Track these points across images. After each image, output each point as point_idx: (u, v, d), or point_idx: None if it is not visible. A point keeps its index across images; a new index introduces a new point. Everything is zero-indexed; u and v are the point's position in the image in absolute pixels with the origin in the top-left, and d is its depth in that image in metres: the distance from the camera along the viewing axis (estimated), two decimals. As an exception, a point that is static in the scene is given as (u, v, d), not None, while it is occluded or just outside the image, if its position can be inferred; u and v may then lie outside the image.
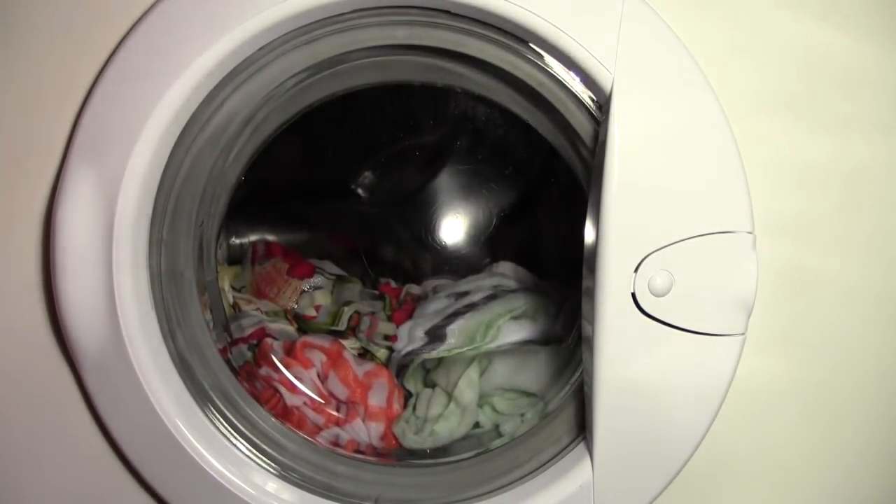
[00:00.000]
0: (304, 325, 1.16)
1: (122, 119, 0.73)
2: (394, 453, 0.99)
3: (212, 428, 0.81)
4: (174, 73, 0.72)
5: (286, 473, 0.84)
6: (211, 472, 0.79)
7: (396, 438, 1.00)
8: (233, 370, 0.89)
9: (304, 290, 1.22)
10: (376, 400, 1.02)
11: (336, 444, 0.97)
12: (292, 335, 1.11)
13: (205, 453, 0.79)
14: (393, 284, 1.29)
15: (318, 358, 1.03)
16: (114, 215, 0.73)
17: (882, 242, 0.77)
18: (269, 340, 1.05)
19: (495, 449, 0.89)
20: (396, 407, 1.03)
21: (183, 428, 0.78)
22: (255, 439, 0.84)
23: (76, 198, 0.73)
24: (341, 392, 1.02)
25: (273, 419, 0.89)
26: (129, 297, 0.76)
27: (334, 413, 1.02)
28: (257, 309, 1.12)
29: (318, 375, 1.03)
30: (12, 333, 0.81)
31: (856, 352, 0.79)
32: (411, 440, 0.98)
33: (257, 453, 0.83)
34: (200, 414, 0.81)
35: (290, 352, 1.04)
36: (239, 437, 0.83)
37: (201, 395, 0.82)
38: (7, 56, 0.76)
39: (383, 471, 0.91)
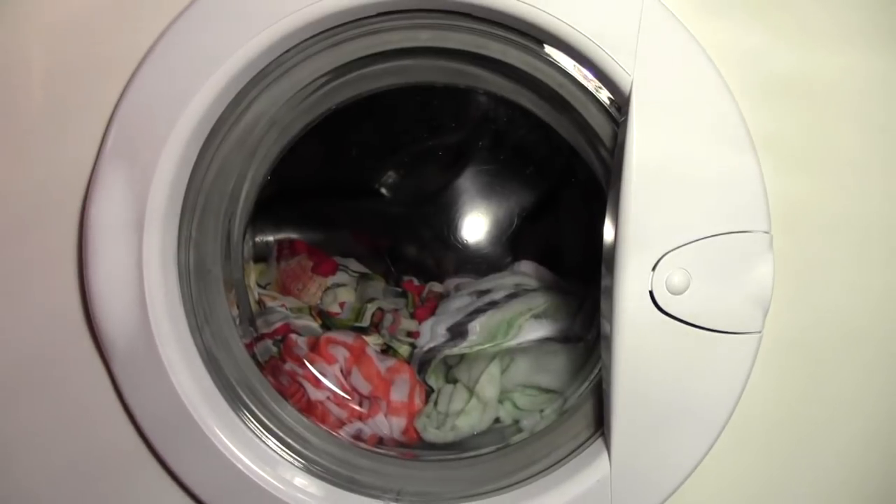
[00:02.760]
0: (328, 321, 1.17)
1: (153, 119, 0.74)
2: (415, 447, 1.00)
3: (237, 420, 0.82)
4: (204, 75, 0.73)
5: (310, 466, 0.84)
6: (236, 464, 0.80)
7: (418, 433, 1.01)
8: (258, 365, 0.90)
9: (328, 287, 1.22)
10: (398, 395, 1.03)
11: (358, 438, 0.98)
12: (316, 331, 1.11)
13: (230, 445, 0.80)
14: (416, 282, 1.29)
15: (341, 354, 1.04)
16: (144, 213, 0.75)
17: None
18: (293, 336, 1.06)
19: (515, 444, 0.90)
20: (418, 402, 1.04)
21: (209, 420, 0.79)
22: (279, 433, 0.85)
23: (108, 195, 0.75)
24: (364, 387, 1.03)
25: (297, 413, 0.90)
26: (159, 292, 0.77)
27: (357, 408, 1.03)
28: (282, 305, 1.13)
29: (342, 371, 1.04)
30: (46, 326, 0.82)
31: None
32: (433, 434, 0.99)
33: (281, 446, 0.84)
34: (226, 406, 0.82)
35: (314, 347, 1.05)
36: (264, 431, 0.84)
37: (227, 389, 0.83)
38: (43, 58, 0.77)
39: (404, 464, 0.91)
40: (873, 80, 0.75)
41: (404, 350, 1.13)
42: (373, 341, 1.11)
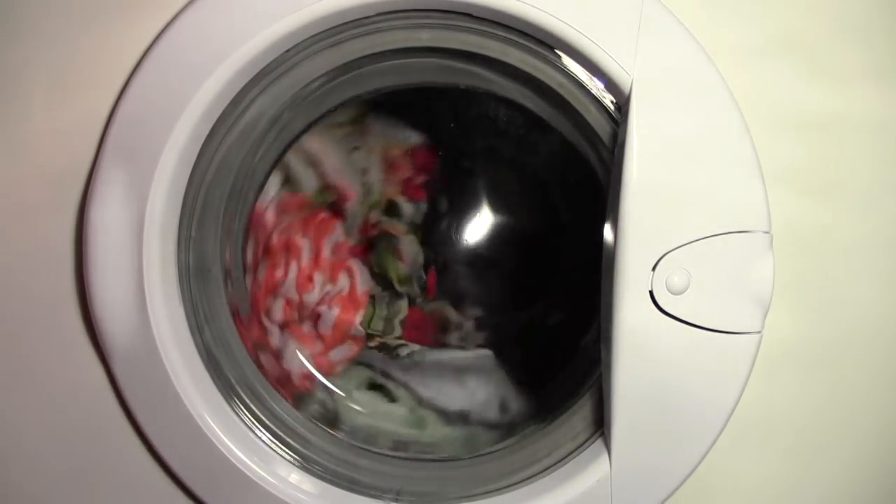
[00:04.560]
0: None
1: (152, 118, 0.74)
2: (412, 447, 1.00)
3: (237, 420, 0.82)
4: (204, 74, 0.73)
5: (309, 465, 0.84)
6: (236, 463, 0.80)
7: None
8: (258, 364, 0.90)
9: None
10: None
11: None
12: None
13: (230, 444, 0.80)
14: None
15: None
16: (144, 212, 0.75)
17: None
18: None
19: (515, 444, 0.90)
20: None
21: (209, 419, 0.79)
22: (278, 431, 0.85)
23: (108, 195, 0.75)
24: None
25: (297, 412, 0.90)
26: (159, 292, 0.77)
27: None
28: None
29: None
30: (45, 327, 0.82)
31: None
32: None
33: (281, 445, 0.84)
34: (226, 406, 0.82)
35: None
36: (263, 430, 0.84)
37: (227, 389, 0.83)
38: (39, 55, 0.77)
39: (404, 465, 0.91)
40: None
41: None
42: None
